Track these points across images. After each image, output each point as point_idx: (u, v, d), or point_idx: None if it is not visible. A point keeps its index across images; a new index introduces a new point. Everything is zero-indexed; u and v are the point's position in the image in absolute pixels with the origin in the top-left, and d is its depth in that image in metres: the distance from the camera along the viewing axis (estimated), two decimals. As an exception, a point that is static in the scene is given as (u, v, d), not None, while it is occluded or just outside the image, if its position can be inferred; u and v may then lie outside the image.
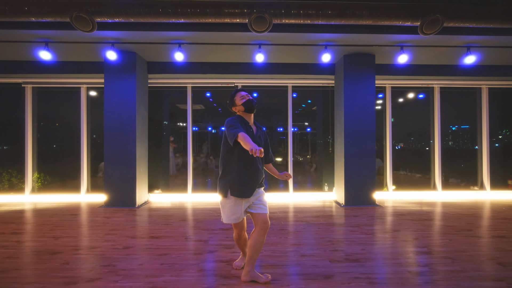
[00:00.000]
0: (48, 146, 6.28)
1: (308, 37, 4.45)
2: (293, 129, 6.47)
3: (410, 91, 6.57)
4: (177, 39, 4.52)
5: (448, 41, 4.59)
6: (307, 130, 7.10)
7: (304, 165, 7.40)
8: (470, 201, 5.62)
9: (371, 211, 4.77)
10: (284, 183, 6.32)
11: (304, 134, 7.10)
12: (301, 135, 7.13)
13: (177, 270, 2.56)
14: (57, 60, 5.42)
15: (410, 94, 6.64)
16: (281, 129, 6.76)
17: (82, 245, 3.22)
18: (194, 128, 8.01)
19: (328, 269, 2.59)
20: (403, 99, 6.73)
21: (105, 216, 4.49)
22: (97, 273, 2.50)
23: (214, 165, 7.76)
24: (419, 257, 2.85)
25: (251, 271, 2.32)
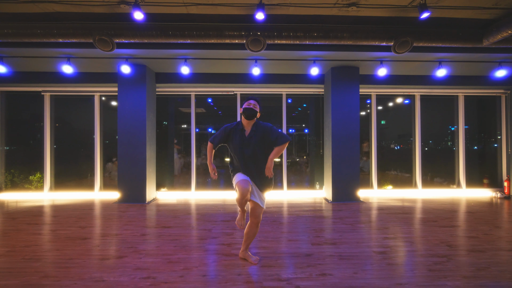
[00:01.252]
0: (63, 148, 6.90)
1: (298, 54, 5.08)
2: (291, 130, 7.12)
3: (398, 97, 7.19)
4: (183, 55, 5.15)
5: (421, 57, 5.22)
6: (304, 131, 7.73)
7: (301, 165, 8.02)
8: (446, 198, 6.24)
9: (355, 206, 5.39)
10: (278, 183, 6.93)
11: (302, 135, 7.73)
12: (299, 136, 7.77)
13: (188, 250, 3.19)
14: (75, 72, 6.03)
15: (399, 99, 7.26)
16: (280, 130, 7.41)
17: (106, 232, 3.85)
18: (196, 130, 8.63)
19: (309, 249, 3.21)
20: (392, 103, 7.37)
21: (120, 210, 5.11)
22: (123, 253, 3.13)
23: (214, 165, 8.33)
24: (385, 241, 3.47)
25: (245, 251, 2.95)
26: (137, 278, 2.54)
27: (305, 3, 3.97)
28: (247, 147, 2.71)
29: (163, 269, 2.72)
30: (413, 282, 2.45)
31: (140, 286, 2.40)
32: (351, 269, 2.72)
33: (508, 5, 3.94)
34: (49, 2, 3.92)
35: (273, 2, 3.92)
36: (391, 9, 4.11)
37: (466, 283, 2.43)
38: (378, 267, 2.76)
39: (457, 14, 4.23)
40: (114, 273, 2.64)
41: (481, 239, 3.53)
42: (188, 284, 2.44)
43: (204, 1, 3.91)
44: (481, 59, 5.39)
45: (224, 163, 7.88)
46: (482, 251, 3.15)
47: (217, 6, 4.03)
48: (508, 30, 4.08)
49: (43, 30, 4.28)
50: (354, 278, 2.53)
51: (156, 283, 2.45)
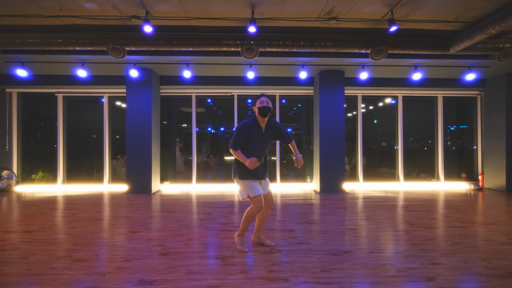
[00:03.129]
0: (73, 144, 7.51)
1: (288, 60, 5.69)
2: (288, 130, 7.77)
3: (383, 98, 7.80)
4: (185, 61, 5.76)
5: (398, 62, 5.84)
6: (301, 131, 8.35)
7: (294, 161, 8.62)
8: (426, 190, 6.85)
9: (339, 196, 6.00)
10: (272, 176, 7.53)
11: (296, 134, 8.35)
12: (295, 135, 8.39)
13: (190, 227, 3.80)
14: (89, 75, 6.65)
15: (388, 99, 7.87)
16: None
17: (119, 215, 4.46)
18: (196, 129, 9.23)
19: (291, 227, 3.83)
20: (382, 103, 7.98)
21: (129, 199, 5.72)
22: (136, 229, 3.74)
23: (214, 163, 8.96)
24: (358, 221, 4.09)
25: (260, 235, 3.17)
26: (151, 245, 3.15)
27: (292, 17, 4.58)
28: (264, 142, 2.96)
29: (171, 239, 3.33)
30: (371, 247, 3.06)
31: (153, 250, 3.01)
32: (325, 239, 3.33)
33: (467, 19, 4.55)
34: (70, 17, 4.53)
35: (263, 16, 4.53)
36: (367, 22, 4.72)
37: (413, 248, 3.04)
38: (347, 238, 3.37)
39: (425, 26, 4.84)
40: (131, 242, 3.25)
41: (439, 219, 4.14)
42: (191, 248, 3.05)
43: (204, 16, 4.52)
44: (452, 64, 6.00)
45: (223, 161, 8.50)
46: (437, 227, 3.76)
47: (216, 19, 4.64)
48: (469, 41, 4.69)
49: (63, 39, 4.88)
50: (325, 245, 3.14)
51: (166, 248, 3.06)
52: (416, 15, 4.47)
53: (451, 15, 4.47)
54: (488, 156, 7.13)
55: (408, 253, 2.89)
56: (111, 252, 2.95)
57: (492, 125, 6.99)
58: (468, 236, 3.43)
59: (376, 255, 2.85)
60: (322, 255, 2.87)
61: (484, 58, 5.72)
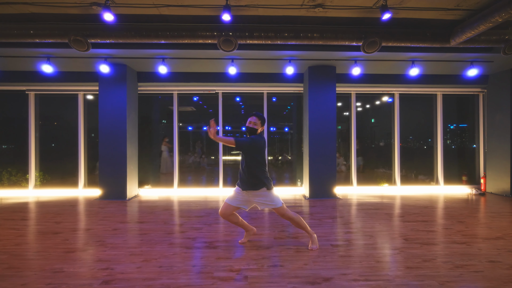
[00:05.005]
0: (49, 146, 7.02)
1: (273, 54, 5.19)
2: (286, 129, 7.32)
3: (378, 96, 7.30)
4: (160, 55, 5.26)
5: (394, 56, 5.33)
6: (285, 130, 7.88)
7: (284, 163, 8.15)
8: (424, 195, 6.36)
9: (330, 203, 5.51)
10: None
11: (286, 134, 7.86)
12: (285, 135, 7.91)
13: (152, 244, 3.31)
14: (57, 71, 6.15)
15: (385, 98, 7.37)
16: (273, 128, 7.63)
17: (79, 227, 3.97)
18: (190, 128, 8.75)
19: (270, 243, 3.34)
20: (379, 102, 7.49)
21: (99, 207, 5.23)
22: (90, 246, 3.25)
23: (206, 164, 8.48)
24: (346, 235, 3.60)
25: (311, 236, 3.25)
26: (96, 269, 2.66)
27: (272, 4, 4.08)
28: None
29: (123, 261, 2.84)
30: (357, 273, 2.57)
31: (96, 276, 2.52)
32: (303, 261, 2.84)
33: (470, 6, 4.05)
34: (23, 4, 4.02)
35: (240, 3, 4.03)
36: (357, 10, 4.21)
37: (407, 273, 2.55)
38: (329, 259, 2.88)
39: (422, 15, 4.34)
40: (75, 264, 2.76)
41: (438, 233, 3.65)
42: (142, 274, 2.56)
43: (174, 2, 4.02)
44: (453, 59, 5.50)
45: (217, 161, 8.01)
46: (435, 244, 3.27)
47: (187, 7, 4.13)
48: (472, 31, 4.19)
49: (19, 30, 4.38)
50: (302, 269, 2.65)
51: (113, 273, 2.57)
52: (412, 2, 3.97)
53: (451, 1, 3.96)
54: (491, 157, 6.65)
55: (401, 281, 2.40)
56: (43, 280, 2.46)
57: (496, 124, 6.49)
58: (472, 255, 2.95)
59: (361, 284, 2.36)
60: (296, 284, 2.38)
61: (487, 52, 5.22)
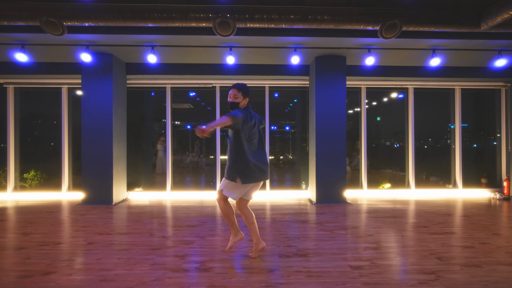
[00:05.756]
0: (31, 145, 6.42)
1: (276, 40, 4.58)
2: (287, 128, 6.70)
3: (393, 91, 6.69)
4: (149, 41, 4.65)
5: (413, 44, 4.73)
6: (285, 128, 7.28)
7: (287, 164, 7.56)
8: (441, 199, 5.77)
9: (340, 209, 4.91)
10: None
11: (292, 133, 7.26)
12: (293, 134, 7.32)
13: (131, 265, 2.71)
14: (36, 61, 5.56)
15: (394, 94, 6.77)
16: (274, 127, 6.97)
17: (48, 241, 3.36)
18: (188, 126, 8.14)
19: (274, 263, 2.74)
20: (387, 98, 6.88)
21: (80, 213, 4.63)
22: (54, 267, 2.65)
23: (204, 164, 7.92)
24: (365, 253, 3.00)
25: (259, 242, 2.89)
26: (52, 303, 2.07)
27: (277, -22, 3.48)
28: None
29: (90, 290, 2.25)
30: (390, 310, 1.97)
31: (49, 315, 1.93)
32: (318, 290, 2.24)
33: (510, -20, 3.44)
34: (-17, -23, 3.42)
35: (240, -23, 3.43)
36: (376, -13, 3.61)
37: (456, 312, 1.95)
38: (350, 286, 2.28)
39: (451, -7, 3.74)
40: (27, 296, 2.17)
41: (477, 250, 3.05)
42: (109, 312, 1.97)
43: (161, -24, 3.42)
44: (479, 47, 4.89)
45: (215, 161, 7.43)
46: (478, 265, 2.67)
47: (177, -18, 3.54)
48: (510, 11, 3.59)
49: (-17, 11, 3.79)
50: (318, 304, 2.05)
51: (72, 310, 1.98)
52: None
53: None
54: (515, 158, 6.05)
55: (450, 325, 1.81)
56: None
57: (521, 122, 5.89)
58: (529, 283, 2.35)
59: (399, 330, 1.76)
60: (313, 329, 1.78)
61: (519, 39, 4.62)
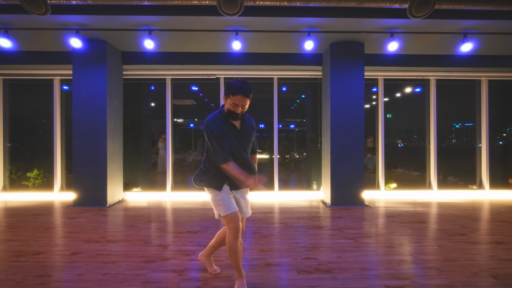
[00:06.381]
0: (21, 141, 5.98)
1: (288, 22, 4.07)
2: (291, 126, 6.16)
3: (407, 85, 6.16)
4: (146, 24, 4.16)
5: (442, 26, 4.19)
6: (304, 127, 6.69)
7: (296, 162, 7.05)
8: (467, 201, 5.24)
9: (358, 212, 4.40)
10: (269, 181, 5.94)
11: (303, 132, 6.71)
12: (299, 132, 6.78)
13: (118, 283, 2.22)
14: (25, 50, 5.12)
15: (408, 89, 6.24)
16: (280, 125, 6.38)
17: (26, 250, 2.89)
18: (191, 125, 7.66)
19: (293, 282, 2.24)
20: (400, 93, 6.35)
21: (69, 216, 4.16)
22: (24, 286, 2.17)
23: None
24: (401, 268, 2.49)
25: (208, 256, 2.38)
26: None
27: None
28: (243, 144, 2.08)
29: (62, 320, 1.76)
30: None
31: None
32: (354, 323, 1.74)
33: None
34: None
35: None
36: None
37: None
38: (395, 318, 1.78)
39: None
40: (-20, 328, 1.69)
41: (536, 265, 2.53)
42: None
43: None
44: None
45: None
46: (546, 287, 2.15)
47: (176, -51, 3.04)
48: None
49: (-45, -14, 3.32)
50: None
51: None
52: None
53: None
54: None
55: None
56: None
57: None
58: None
59: None
60: None
61: None
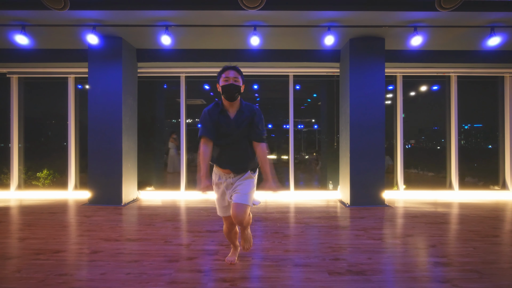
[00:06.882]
0: (36, 140, 5.97)
1: (308, 16, 3.96)
2: (300, 126, 6.01)
3: (422, 83, 5.98)
4: (163, 20, 4.09)
5: (469, 19, 4.03)
6: (314, 127, 6.53)
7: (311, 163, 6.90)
8: (491, 202, 5.04)
9: (380, 212, 4.26)
10: (283, 181, 5.83)
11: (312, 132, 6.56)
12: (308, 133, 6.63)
13: (143, 282, 2.13)
14: (41, 47, 5.11)
15: (423, 87, 6.05)
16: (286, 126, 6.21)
17: (46, 248, 2.83)
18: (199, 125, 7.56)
19: (326, 284, 2.12)
20: (414, 92, 6.16)
21: (86, 215, 4.11)
22: (46, 285, 2.09)
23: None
24: (438, 270, 2.35)
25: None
26: None
27: None
28: (233, 132, 2.11)
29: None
30: None
31: None
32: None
33: None
34: None
35: None
36: None
37: None
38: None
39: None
40: (5, 329, 1.61)
41: None
42: None
43: None
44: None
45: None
46: None
47: None
48: None
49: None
50: None
51: None
52: None
53: None
54: None
55: None
56: None
57: None
58: None
59: None
60: None
61: None
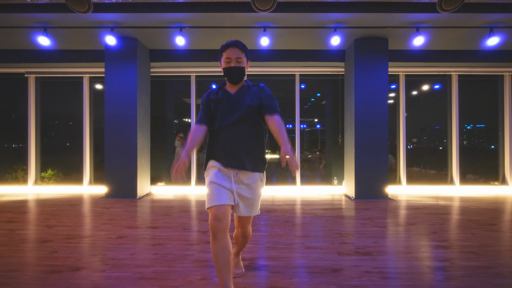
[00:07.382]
0: (52, 137, 6.21)
1: (315, 18, 4.18)
2: (302, 126, 6.22)
3: (424, 83, 6.16)
4: (177, 22, 4.32)
5: (469, 20, 4.24)
6: (316, 127, 6.72)
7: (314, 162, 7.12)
8: (491, 196, 5.23)
9: (384, 205, 4.47)
10: (289, 176, 6.04)
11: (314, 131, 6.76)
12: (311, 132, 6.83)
13: (170, 261, 2.36)
14: (59, 48, 5.33)
15: (425, 86, 6.24)
16: (289, 126, 6.40)
17: (74, 234, 3.06)
18: None
19: (336, 262, 2.34)
20: (416, 91, 6.36)
21: (104, 206, 4.34)
22: (84, 262, 2.32)
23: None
24: (438, 251, 2.56)
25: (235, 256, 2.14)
26: (87, 304, 1.73)
27: None
28: (234, 111, 1.77)
29: (129, 289, 1.90)
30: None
31: (85, 319, 1.59)
32: (404, 296, 1.83)
33: None
34: None
35: None
36: None
37: None
38: (443, 293, 1.86)
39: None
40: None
41: None
42: (157, 318, 1.61)
43: None
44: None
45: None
46: None
47: None
48: None
49: (5, -14, 3.54)
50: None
51: (111, 314, 1.63)
52: None
53: None
54: None
55: None
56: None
57: None
58: None
59: None
60: None
61: None
